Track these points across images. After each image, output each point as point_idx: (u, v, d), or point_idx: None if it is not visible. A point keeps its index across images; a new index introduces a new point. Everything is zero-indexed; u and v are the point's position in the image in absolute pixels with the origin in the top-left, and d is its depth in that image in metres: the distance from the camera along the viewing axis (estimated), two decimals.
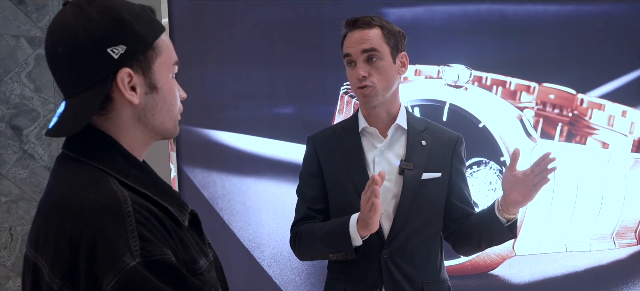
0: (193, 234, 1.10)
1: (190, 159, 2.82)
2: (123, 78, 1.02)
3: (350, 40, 1.77)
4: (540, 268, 2.65)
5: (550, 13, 2.64)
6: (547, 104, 2.65)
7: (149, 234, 0.96)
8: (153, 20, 1.08)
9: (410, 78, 2.73)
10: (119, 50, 1.01)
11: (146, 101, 1.05)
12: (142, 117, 1.06)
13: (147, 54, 1.04)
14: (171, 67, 1.10)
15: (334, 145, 1.79)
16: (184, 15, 2.84)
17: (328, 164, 1.79)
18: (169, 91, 1.09)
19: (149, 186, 1.04)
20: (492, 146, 2.60)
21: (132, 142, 1.07)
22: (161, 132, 1.10)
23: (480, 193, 2.65)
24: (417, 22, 2.72)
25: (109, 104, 1.04)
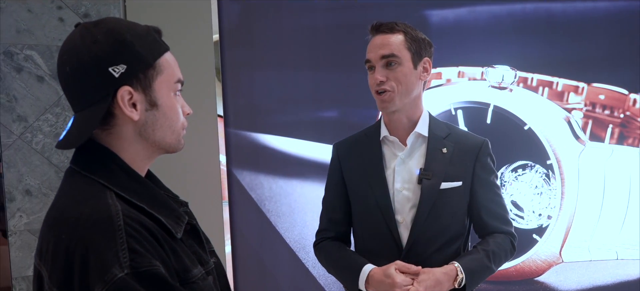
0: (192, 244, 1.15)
1: (239, 162, 2.90)
2: (123, 95, 1.07)
3: (371, 45, 1.75)
4: (589, 275, 2.51)
5: (600, 10, 2.50)
6: (597, 105, 2.51)
7: (139, 247, 1.00)
8: (156, 41, 1.13)
9: (454, 80, 2.65)
10: (120, 69, 1.06)
11: (146, 117, 1.10)
12: (143, 132, 1.11)
13: (147, 73, 1.09)
14: (173, 85, 1.14)
15: (356, 153, 1.77)
16: (233, 23, 2.93)
17: (349, 173, 1.78)
18: (170, 108, 1.13)
19: (146, 200, 1.09)
20: (537, 149, 2.48)
21: (134, 157, 1.13)
22: (163, 147, 1.15)
23: (525, 197, 2.55)
24: (461, 23, 2.64)
25: (112, 120, 1.09)
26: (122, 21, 1.13)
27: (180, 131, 1.17)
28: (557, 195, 2.48)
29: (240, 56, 2.90)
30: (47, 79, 2.71)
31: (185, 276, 1.08)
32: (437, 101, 2.64)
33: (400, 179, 1.69)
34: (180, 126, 1.17)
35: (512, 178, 2.57)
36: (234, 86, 2.92)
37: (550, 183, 2.50)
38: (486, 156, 1.78)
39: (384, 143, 1.77)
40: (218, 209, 2.90)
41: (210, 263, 1.18)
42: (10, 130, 2.67)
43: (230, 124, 2.94)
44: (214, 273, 1.19)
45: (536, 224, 2.55)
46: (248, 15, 2.86)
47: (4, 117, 2.66)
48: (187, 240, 1.15)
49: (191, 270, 1.09)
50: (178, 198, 1.25)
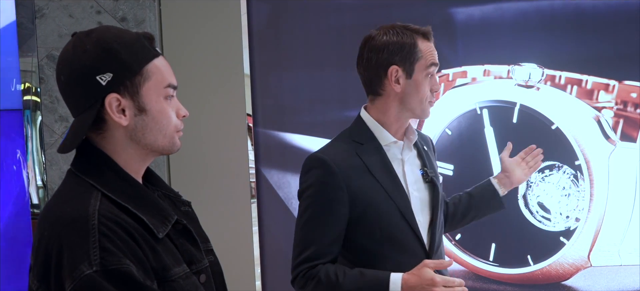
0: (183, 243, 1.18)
1: (267, 161, 2.92)
2: (111, 102, 1.12)
3: (432, 50, 1.66)
4: (619, 280, 2.39)
5: (632, 5, 2.33)
6: (629, 103, 2.37)
7: (110, 245, 1.04)
8: (144, 48, 1.16)
9: (479, 79, 2.56)
10: (107, 77, 1.11)
11: (136, 122, 1.14)
12: (133, 136, 1.15)
13: (134, 80, 1.13)
14: (163, 89, 1.16)
15: (358, 162, 1.61)
16: (261, 24, 2.97)
17: (360, 187, 1.59)
18: (160, 112, 1.16)
19: (132, 200, 1.12)
20: (565, 149, 2.36)
21: (127, 159, 1.17)
22: (156, 150, 1.19)
23: (552, 199, 2.43)
24: (487, 20, 2.54)
25: (104, 125, 1.14)
26: (113, 30, 1.17)
27: (174, 134, 1.20)
28: (585, 197, 2.39)
29: (269, 56, 2.92)
30: None
31: (164, 275, 1.11)
32: (462, 100, 2.57)
33: (410, 181, 1.64)
34: (172, 129, 1.19)
35: (538, 179, 2.50)
36: (262, 86, 2.96)
37: (579, 185, 2.41)
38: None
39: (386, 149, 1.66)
40: (247, 207, 2.97)
41: (204, 262, 1.21)
42: (52, 130, 2.82)
43: (258, 124, 2.99)
44: (207, 272, 1.21)
45: (563, 227, 2.45)
46: (276, 15, 2.90)
47: (46, 118, 2.81)
48: (178, 239, 1.18)
49: (171, 269, 1.12)
50: (180, 197, 1.28)
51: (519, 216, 2.51)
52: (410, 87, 1.60)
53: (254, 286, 2.98)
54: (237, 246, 2.84)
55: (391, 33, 1.61)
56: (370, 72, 1.63)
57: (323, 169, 1.60)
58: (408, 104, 1.62)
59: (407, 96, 1.61)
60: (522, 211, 2.52)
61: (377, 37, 1.62)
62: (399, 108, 1.62)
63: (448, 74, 2.66)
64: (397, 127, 1.65)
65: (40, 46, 2.76)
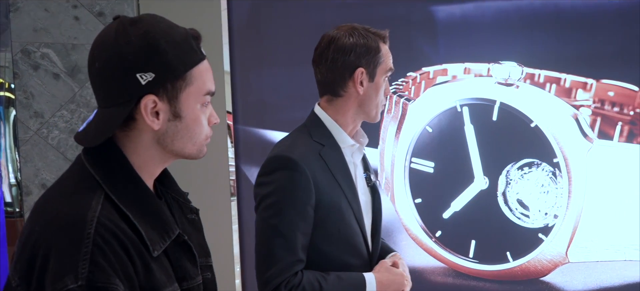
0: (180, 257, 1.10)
1: (247, 158, 2.87)
2: (146, 104, 1.03)
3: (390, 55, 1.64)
4: (596, 276, 2.40)
5: (609, 5, 2.34)
6: (606, 102, 2.39)
7: (102, 260, 0.95)
8: (192, 50, 1.07)
9: (460, 77, 2.55)
10: (147, 77, 1.02)
11: (168, 127, 1.06)
12: (161, 140, 1.07)
13: (175, 84, 1.04)
14: (202, 97, 1.08)
15: (322, 164, 1.56)
16: (242, 21, 2.94)
17: (324, 188, 1.54)
18: (194, 120, 1.08)
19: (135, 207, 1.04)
20: (544, 147, 2.37)
21: (146, 160, 1.09)
22: (181, 156, 1.11)
23: (531, 196, 2.44)
24: (467, 18, 2.53)
25: (132, 123, 1.05)
26: (162, 23, 1.07)
27: (203, 142, 1.12)
28: (563, 194, 2.40)
29: (249, 53, 2.89)
30: (62, 76, 2.76)
31: None
32: (443, 98, 2.56)
33: (359, 185, 1.63)
34: (203, 138, 1.11)
35: (518, 176, 2.50)
36: (243, 83, 2.93)
37: (557, 182, 2.42)
38: None
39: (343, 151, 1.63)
40: (226, 205, 2.93)
41: (197, 279, 1.13)
42: (27, 126, 2.74)
43: (239, 121, 2.95)
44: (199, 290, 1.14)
45: (542, 224, 2.46)
46: (257, 12, 2.86)
47: (21, 114, 2.73)
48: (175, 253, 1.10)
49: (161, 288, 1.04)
50: (189, 203, 1.20)
51: (499, 213, 2.52)
52: (371, 90, 1.59)
53: (234, 284, 2.94)
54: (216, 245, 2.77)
55: (356, 35, 1.58)
56: (334, 73, 1.59)
57: (294, 170, 1.51)
58: (365, 107, 1.60)
59: (367, 99, 1.59)
60: (502, 208, 2.52)
61: (342, 39, 1.58)
62: (357, 110, 1.61)
63: (429, 72, 2.65)
64: (351, 129, 1.63)
65: (15, 41, 2.69)
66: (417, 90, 2.67)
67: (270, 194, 1.52)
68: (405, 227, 2.67)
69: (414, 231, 2.66)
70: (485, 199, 2.54)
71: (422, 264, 2.67)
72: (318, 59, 1.61)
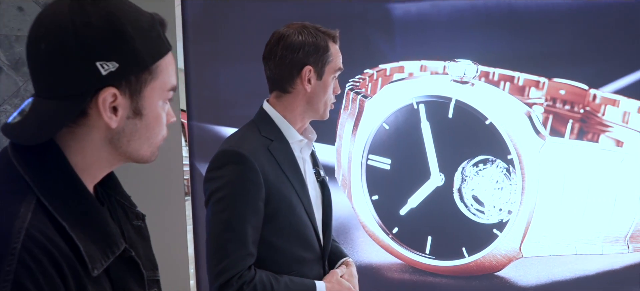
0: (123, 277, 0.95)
1: (202, 155, 2.79)
2: (105, 98, 0.87)
3: (340, 54, 1.64)
4: (548, 270, 2.43)
5: (562, 6, 2.40)
6: (558, 100, 2.43)
7: (28, 282, 0.79)
8: (159, 38, 0.93)
9: (416, 74, 2.55)
10: (110, 67, 0.86)
11: (125, 126, 0.91)
12: (115, 140, 0.92)
13: (140, 77, 0.90)
14: (165, 93, 0.95)
15: (270, 159, 1.56)
16: (197, 14, 2.85)
17: (274, 182, 1.54)
18: (155, 118, 0.94)
19: (73, 217, 0.88)
20: (498, 144, 2.38)
21: (93, 162, 0.93)
22: (134, 159, 0.96)
23: (486, 192, 2.45)
24: (423, 17, 2.54)
25: (81, 119, 0.89)
26: (126, 5, 0.91)
27: (159, 144, 0.98)
28: (517, 190, 2.43)
29: (204, 48, 2.82)
30: (5, 69, 2.61)
31: None
32: (399, 95, 2.55)
33: (309, 180, 1.63)
34: (160, 139, 0.97)
35: (473, 173, 2.52)
36: (197, 79, 2.84)
37: (511, 178, 2.45)
38: None
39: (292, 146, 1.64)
40: (180, 205, 2.84)
41: None
42: None
43: (193, 117, 2.87)
44: None
45: (497, 219, 2.49)
46: (212, 6, 2.78)
47: None
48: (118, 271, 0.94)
49: None
50: (135, 208, 1.05)
51: (454, 209, 2.53)
52: (319, 88, 1.60)
53: (189, 285, 2.86)
54: (170, 245, 2.71)
55: (306, 33, 1.59)
56: (282, 70, 1.59)
57: (243, 164, 1.50)
58: (314, 105, 1.61)
59: (315, 97, 1.60)
60: (457, 205, 2.53)
61: (292, 36, 1.59)
62: (305, 107, 1.61)
63: (385, 69, 2.64)
64: (300, 125, 1.64)
65: None
66: (374, 87, 2.65)
67: (220, 188, 1.50)
68: (362, 224, 2.65)
69: (371, 228, 2.64)
70: (441, 195, 2.54)
71: (379, 261, 2.65)
72: (267, 55, 1.62)
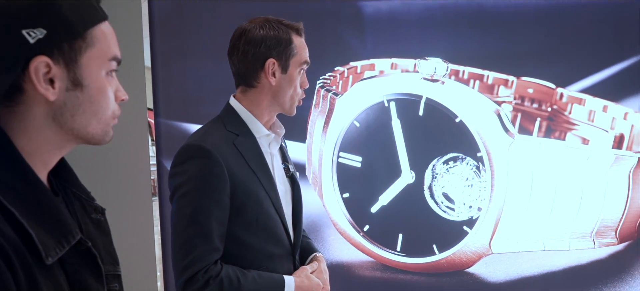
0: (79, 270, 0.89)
1: (169, 153, 2.71)
2: (37, 68, 0.83)
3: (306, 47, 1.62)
4: (517, 266, 2.45)
5: (530, 6, 2.42)
6: (526, 98, 2.45)
7: None
8: (92, 7, 0.90)
9: (387, 72, 2.54)
10: (37, 34, 0.82)
11: (66, 99, 0.87)
12: (58, 116, 0.87)
13: (74, 44, 0.86)
14: (106, 62, 0.90)
15: (236, 154, 1.54)
16: (163, 11, 2.77)
17: (239, 177, 1.52)
18: (99, 90, 0.89)
19: (24, 204, 0.83)
20: (468, 141, 2.39)
21: (40, 145, 0.88)
22: (83, 137, 0.91)
23: (456, 189, 2.45)
24: (394, 15, 2.52)
25: (18, 96, 0.84)
26: None
27: (110, 121, 0.93)
28: (487, 187, 2.43)
29: (172, 45, 2.74)
30: None
31: None
32: (370, 93, 2.53)
33: (277, 175, 1.62)
34: (110, 115, 0.92)
35: (443, 170, 2.51)
36: (165, 76, 2.76)
37: (481, 175, 2.45)
38: None
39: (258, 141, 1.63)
40: (147, 205, 2.75)
41: None
42: None
43: (161, 115, 2.79)
44: None
45: (467, 217, 2.49)
46: (179, 3, 2.71)
47: None
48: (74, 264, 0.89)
49: None
50: (93, 201, 1.00)
51: (425, 206, 2.52)
52: (285, 82, 1.59)
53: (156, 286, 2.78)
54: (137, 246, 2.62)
55: (268, 27, 1.57)
56: (246, 65, 1.58)
57: (207, 158, 1.48)
58: (280, 98, 1.60)
59: (280, 90, 1.59)
60: (428, 202, 2.52)
61: (253, 31, 1.58)
62: (271, 101, 1.60)
63: (356, 67, 2.61)
64: (267, 119, 1.62)
65: None
66: (345, 84, 2.62)
67: (184, 183, 1.48)
68: (333, 222, 2.61)
69: (341, 226, 2.61)
70: (412, 193, 2.53)
71: (350, 258, 2.62)
72: (231, 51, 1.61)
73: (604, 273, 2.44)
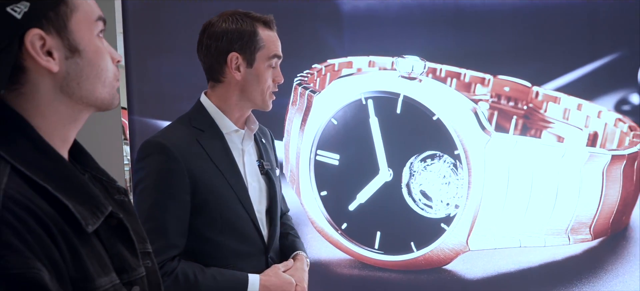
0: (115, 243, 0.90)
1: None
2: (33, 41, 0.83)
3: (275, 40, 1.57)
4: (494, 263, 2.44)
5: (506, 5, 2.43)
6: (502, 96, 2.44)
7: (16, 240, 0.74)
8: None
9: (364, 69, 2.51)
10: (22, 8, 0.82)
11: (68, 67, 0.86)
12: (65, 87, 0.87)
13: (58, 10, 0.85)
14: (94, 23, 0.90)
15: (198, 149, 1.51)
16: (137, 6, 2.70)
17: (201, 174, 1.49)
18: (96, 52, 0.89)
19: (53, 179, 0.83)
20: (446, 139, 2.37)
21: (55, 121, 0.88)
22: (93, 103, 0.90)
23: (433, 187, 2.44)
24: (372, 13, 2.49)
25: (22, 76, 0.84)
26: None
27: (113, 83, 0.92)
28: (464, 185, 2.42)
29: (146, 41, 2.67)
30: None
31: (85, 286, 0.82)
32: (348, 90, 2.49)
33: (249, 172, 1.58)
34: (111, 77, 0.92)
35: (421, 168, 2.49)
36: (139, 72, 2.69)
37: (458, 173, 2.44)
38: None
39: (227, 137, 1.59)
40: None
41: (139, 270, 0.94)
42: None
43: (135, 112, 2.71)
44: (143, 283, 0.94)
45: (444, 214, 2.47)
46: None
47: None
48: (109, 238, 0.90)
49: (95, 279, 0.83)
50: (115, 182, 0.99)
51: (403, 204, 2.50)
52: (251, 77, 1.54)
53: None
54: None
55: (230, 20, 1.54)
56: (210, 60, 1.56)
57: (164, 154, 1.47)
58: (248, 94, 1.55)
59: (248, 85, 1.54)
60: (406, 200, 2.50)
61: (216, 24, 1.55)
62: (240, 97, 1.56)
63: (334, 64, 2.58)
64: (238, 115, 1.58)
65: None
66: (322, 82, 2.59)
67: (143, 179, 1.48)
68: (310, 220, 2.58)
69: (319, 224, 2.57)
70: (390, 190, 2.50)
71: (328, 256, 2.59)
72: (198, 46, 1.59)
73: (579, 268, 2.45)
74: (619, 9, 2.36)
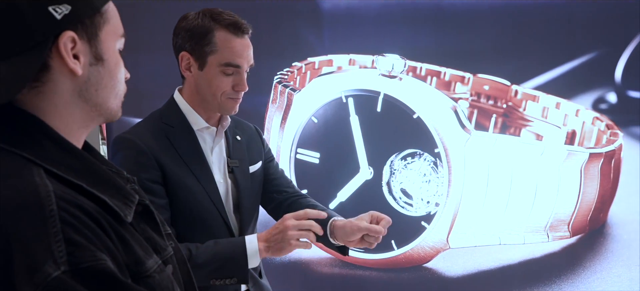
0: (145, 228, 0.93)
1: None
2: (66, 43, 0.83)
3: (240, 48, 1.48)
4: (474, 260, 2.44)
5: (485, 4, 2.43)
6: (482, 95, 2.44)
7: (78, 237, 0.76)
8: None
9: (345, 68, 2.48)
10: (63, 10, 0.83)
11: (89, 74, 0.87)
12: (84, 92, 0.87)
13: (94, 19, 0.87)
14: (118, 38, 0.92)
15: (167, 145, 1.50)
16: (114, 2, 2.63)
17: (170, 168, 1.48)
18: (116, 64, 0.91)
19: (85, 177, 0.84)
20: (426, 138, 2.35)
21: (70, 123, 0.87)
22: (104, 113, 0.91)
23: (414, 185, 2.42)
24: (352, 11, 2.47)
25: (45, 75, 0.84)
26: None
27: (121, 97, 0.94)
28: (444, 183, 2.40)
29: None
30: None
31: (138, 270, 0.85)
32: (328, 89, 2.46)
33: (217, 168, 1.56)
34: (123, 92, 0.94)
35: (401, 166, 2.47)
36: None
37: (438, 171, 2.42)
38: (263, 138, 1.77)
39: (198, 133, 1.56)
40: None
41: (168, 249, 0.96)
42: None
43: None
44: (172, 261, 0.96)
45: (424, 212, 2.45)
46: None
47: None
48: (139, 224, 0.92)
49: (145, 262, 0.87)
50: (123, 173, 0.99)
51: (383, 202, 2.47)
52: (202, 80, 1.50)
53: None
54: None
55: (191, 18, 1.50)
56: (175, 55, 1.55)
57: (133, 150, 1.47)
58: (202, 96, 1.51)
59: (200, 87, 1.51)
60: (386, 198, 2.48)
61: (180, 21, 1.53)
62: (197, 97, 1.53)
63: (314, 62, 2.55)
64: (208, 113, 1.55)
65: None
66: (303, 80, 2.55)
67: None
68: None
69: None
70: (371, 189, 2.48)
71: (308, 255, 2.55)
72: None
73: (558, 265, 2.46)
74: (596, 8, 2.37)
